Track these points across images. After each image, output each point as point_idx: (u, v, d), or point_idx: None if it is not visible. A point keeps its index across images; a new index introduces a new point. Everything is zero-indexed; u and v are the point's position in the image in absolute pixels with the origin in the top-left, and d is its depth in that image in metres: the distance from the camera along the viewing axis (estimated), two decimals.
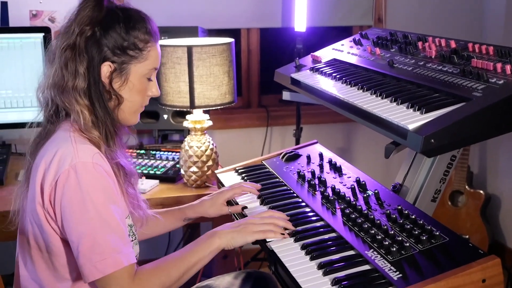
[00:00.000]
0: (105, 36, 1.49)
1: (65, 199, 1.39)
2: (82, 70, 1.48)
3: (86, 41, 1.48)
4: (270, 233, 1.52)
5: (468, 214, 3.43)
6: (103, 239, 1.38)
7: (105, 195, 1.42)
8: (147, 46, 1.53)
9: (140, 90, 1.56)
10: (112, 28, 1.49)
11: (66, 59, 1.48)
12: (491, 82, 1.41)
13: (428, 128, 1.30)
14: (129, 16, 1.52)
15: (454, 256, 1.29)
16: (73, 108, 1.48)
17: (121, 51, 1.50)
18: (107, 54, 1.49)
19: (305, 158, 2.02)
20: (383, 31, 2.07)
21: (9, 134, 2.72)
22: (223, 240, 1.52)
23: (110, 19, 1.50)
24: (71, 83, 1.48)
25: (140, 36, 1.52)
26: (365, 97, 1.59)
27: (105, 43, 1.49)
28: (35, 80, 1.59)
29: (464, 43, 1.68)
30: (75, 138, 1.45)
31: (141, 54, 1.53)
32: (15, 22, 2.88)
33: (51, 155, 1.43)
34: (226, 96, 2.32)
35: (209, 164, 2.35)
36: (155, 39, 1.56)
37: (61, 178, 1.39)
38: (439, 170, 1.72)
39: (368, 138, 3.55)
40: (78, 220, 1.38)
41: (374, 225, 1.47)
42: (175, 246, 3.36)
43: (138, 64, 1.53)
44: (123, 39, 1.49)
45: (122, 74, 1.51)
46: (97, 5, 1.49)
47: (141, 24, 1.53)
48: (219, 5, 3.25)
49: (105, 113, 1.51)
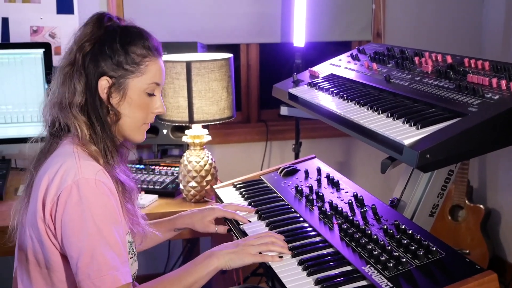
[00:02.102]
0: (102, 52, 1.50)
1: (66, 215, 1.39)
2: (80, 86, 1.49)
3: (84, 57, 1.50)
4: (268, 257, 1.51)
5: (468, 229, 3.42)
6: (102, 256, 1.38)
7: (106, 213, 1.42)
8: (145, 60, 1.54)
9: (140, 105, 1.56)
10: (108, 44, 1.51)
11: (65, 76, 1.51)
12: (487, 97, 1.41)
13: (424, 144, 1.30)
14: (126, 32, 1.54)
15: (451, 272, 1.29)
16: (72, 123, 1.50)
17: (117, 66, 1.51)
18: (104, 69, 1.51)
19: (303, 173, 2.03)
20: (381, 46, 2.08)
21: (9, 149, 2.73)
22: (221, 261, 1.51)
23: (108, 36, 1.52)
24: (69, 99, 1.50)
25: (137, 51, 1.53)
26: (361, 112, 1.60)
27: (102, 59, 1.50)
28: (36, 95, 1.61)
29: (460, 58, 1.69)
30: (79, 154, 1.46)
31: (138, 69, 1.53)
32: (15, 38, 2.90)
33: (54, 170, 1.43)
34: (224, 111, 2.33)
35: (208, 179, 2.35)
36: (154, 54, 1.56)
37: (63, 193, 1.40)
38: (436, 185, 1.72)
39: (367, 153, 3.55)
40: (78, 236, 1.38)
41: (371, 240, 1.47)
42: (174, 261, 3.36)
43: (136, 79, 1.53)
44: (119, 54, 1.51)
45: (120, 89, 1.52)
46: (97, 23, 1.52)
47: (139, 39, 1.54)
48: (218, 20, 3.27)
49: (103, 128, 1.51)
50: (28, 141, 1.59)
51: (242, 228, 1.76)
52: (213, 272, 1.51)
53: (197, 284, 1.49)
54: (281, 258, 1.50)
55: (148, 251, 1.91)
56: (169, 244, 3.27)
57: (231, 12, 3.29)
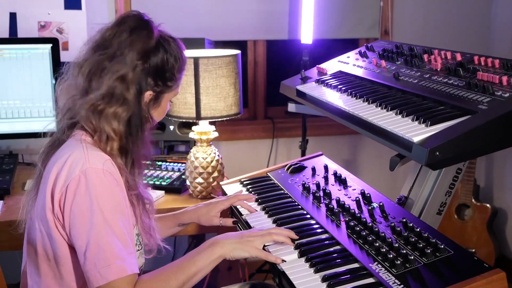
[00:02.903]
0: (151, 68, 1.52)
1: (74, 205, 1.40)
2: (130, 99, 1.49)
3: (137, 73, 1.50)
4: (271, 257, 1.50)
5: (474, 228, 3.41)
6: (109, 246, 1.38)
7: (113, 203, 1.42)
8: (181, 75, 1.60)
9: (164, 111, 1.63)
10: (158, 60, 1.53)
11: (114, 87, 1.48)
12: (497, 95, 1.40)
13: (433, 141, 1.30)
14: (171, 47, 1.56)
15: (459, 270, 1.29)
16: (102, 130, 1.48)
17: (162, 82, 1.55)
18: (150, 85, 1.53)
19: (310, 170, 2.02)
20: (389, 44, 2.07)
21: (17, 144, 2.74)
22: (225, 249, 1.51)
23: (157, 51, 1.53)
24: (112, 109, 1.47)
25: (177, 67, 1.57)
26: (370, 109, 1.59)
27: (151, 74, 1.52)
28: (43, 90, 1.60)
29: (470, 56, 1.68)
30: (87, 145, 1.46)
31: (176, 84, 1.59)
32: (23, 33, 2.90)
33: (62, 161, 1.44)
34: (232, 107, 2.33)
35: (214, 175, 2.35)
36: (185, 68, 1.62)
37: (72, 183, 1.40)
38: (444, 183, 1.71)
39: (374, 151, 3.54)
40: (85, 226, 1.39)
41: (378, 238, 1.46)
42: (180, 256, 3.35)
43: (171, 92, 1.60)
44: (165, 70, 1.54)
45: (157, 102, 1.57)
46: (148, 35, 1.52)
47: (180, 54, 1.58)
48: (226, 17, 3.27)
49: (140, 140, 1.53)
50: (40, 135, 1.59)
51: (245, 218, 1.77)
52: (216, 261, 1.51)
53: (200, 274, 1.49)
54: (284, 262, 1.48)
55: None
56: (175, 240, 3.27)
57: (238, 8, 3.28)
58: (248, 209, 1.82)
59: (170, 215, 1.90)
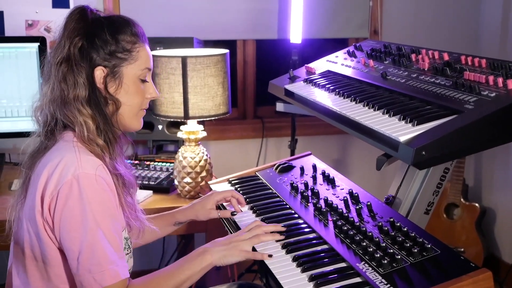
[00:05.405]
0: (94, 44, 1.51)
1: (66, 210, 1.39)
2: (81, 79, 1.49)
3: (79, 52, 1.50)
4: (258, 255, 1.52)
5: (463, 227, 3.42)
6: (102, 251, 1.38)
7: (105, 209, 1.42)
8: (135, 47, 1.56)
9: (136, 91, 1.57)
10: (98, 35, 1.52)
11: (63, 73, 1.49)
12: (483, 94, 1.41)
13: (420, 140, 1.30)
14: (112, 21, 1.55)
15: (446, 269, 1.29)
16: (77, 120, 1.48)
17: (110, 55, 1.52)
18: (97, 60, 1.51)
19: (298, 170, 2.02)
20: (377, 43, 2.07)
21: (3, 144, 2.71)
22: (215, 257, 1.52)
23: (95, 27, 1.52)
24: (72, 94, 1.49)
25: (126, 38, 1.54)
26: (357, 109, 1.59)
27: (95, 50, 1.51)
28: (30, 89, 1.60)
29: (457, 55, 1.68)
30: (79, 148, 1.45)
31: (131, 56, 1.55)
32: (10, 32, 2.88)
33: (54, 164, 1.43)
34: (220, 107, 2.32)
35: (202, 175, 2.34)
36: (142, 40, 1.58)
37: (64, 188, 1.39)
38: (432, 183, 1.71)
39: (363, 150, 3.55)
40: (78, 231, 1.38)
41: (366, 237, 1.46)
42: (169, 257, 3.35)
43: (129, 66, 1.55)
44: (110, 43, 1.52)
45: (115, 78, 1.53)
46: (81, 17, 1.53)
47: (126, 27, 1.56)
48: (215, 16, 3.26)
49: (105, 120, 1.52)
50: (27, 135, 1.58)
51: (233, 219, 1.77)
52: (206, 268, 1.51)
53: (190, 281, 1.50)
54: (271, 257, 1.49)
55: (143, 247, 1.90)
56: (163, 240, 3.26)
57: (228, 7, 3.27)
58: (234, 207, 1.82)
59: (166, 214, 1.90)
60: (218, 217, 1.84)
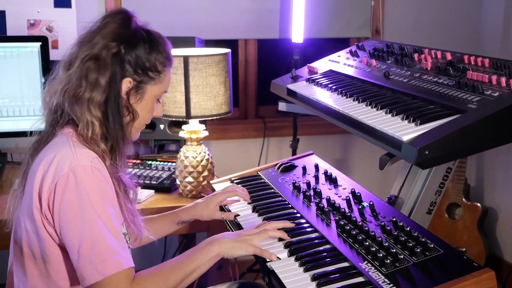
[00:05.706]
0: (130, 54, 1.51)
1: (64, 202, 1.39)
2: (104, 82, 1.49)
3: (111, 56, 1.50)
4: (266, 253, 1.51)
5: (465, 227, 3.42)
6: (103, 241, 1.37)
7: (104, 199, 1.42)
8: (165, 69, 1.58)
9: (151, 109, 1.61)
10: (137, 47, 1.52)
11: (88, 70, 1.49)
12: (486, 94, 1.40)
13: (423, 140, 1.30)
14: (152, 38, 1.56)
15: (449, 269, 1.29)
16: (84, 118, 1.48)
17: (142, 71, 1.53)
18: (129, 71, 1.52)
19: (300, 169, 2.02)
20: (380, 43, 2.07)
21: (5, 143, 2.71)
22: (223, 248, 1.51)
23: (135, 38, 1.53)
24: (88, 94, 1.48)
25: (159, 59, 1.56)
26: (360, 108, 1.59)
27: (128, 60, 1.51)
28: (32, 89, 1.59)
29: (460, 55, 1.68)
30: (74, 142, 1.45)
31: (159, 77, 1.57)
32: (12, 31, 2.88)
33: (49, 159, 1.43)
34: (222, 106, 2.32)
35: (204, 175, 2.34)
36: (170, 64, 1.61)
37: (60, 181, 1.39)
38: (434, 182, 1.71)
39: (365, 150, 3.55)
40: (77, 222, 1.38)
41: (368, 237, 1.46)
42: (170, 257, 3.34)
43: (154, 86, 1.57)
44: (145, 59, 1.53)
45: (138, 92, 1.55)
46: (124, 23, 1.53)
47: (163, 47, 1.58)
48: (216, 16, 3.26)
49: (119, 127, 1.52)
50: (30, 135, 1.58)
51: (237, 220, 1.77)
52: (215, 259, 1.51)
53: (198, 271, 1.49)
54: (279, 259, 1.49)
55: (144, 246, 1.89)
56: (165, 239, 3.26)
57: (229, 7, 3.27)
58: (243, 197, 1.84)
59: (169, 213, 1.90)
60: (222, 219, 1.84)
